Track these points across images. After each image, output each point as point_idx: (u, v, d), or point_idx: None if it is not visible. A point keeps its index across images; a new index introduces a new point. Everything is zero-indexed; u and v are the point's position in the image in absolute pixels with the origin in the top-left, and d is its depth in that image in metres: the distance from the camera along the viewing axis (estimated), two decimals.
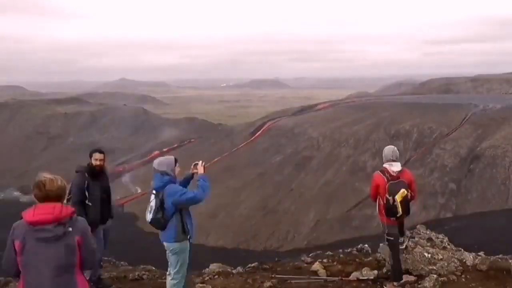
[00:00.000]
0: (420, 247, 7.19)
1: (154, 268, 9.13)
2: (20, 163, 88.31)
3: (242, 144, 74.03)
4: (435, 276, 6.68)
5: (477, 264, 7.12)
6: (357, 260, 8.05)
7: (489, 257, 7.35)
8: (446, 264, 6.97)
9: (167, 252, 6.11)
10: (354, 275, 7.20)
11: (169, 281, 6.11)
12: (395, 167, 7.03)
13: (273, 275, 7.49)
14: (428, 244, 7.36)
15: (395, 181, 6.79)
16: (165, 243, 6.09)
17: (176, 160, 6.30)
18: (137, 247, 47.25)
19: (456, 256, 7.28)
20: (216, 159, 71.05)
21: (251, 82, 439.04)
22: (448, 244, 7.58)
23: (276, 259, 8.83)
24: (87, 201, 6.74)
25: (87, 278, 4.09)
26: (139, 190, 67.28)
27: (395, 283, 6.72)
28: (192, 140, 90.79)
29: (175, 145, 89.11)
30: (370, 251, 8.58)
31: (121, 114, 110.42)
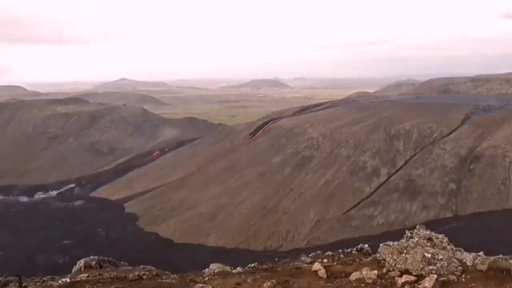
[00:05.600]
0: (420, 247, 7.19)
1: (154, 268, 9.11)
2: (20, 163, 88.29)
3: (242, 144, 74.03)
4: (435, 276, 6.68)
5: (477, 264, 7.11)
6: (357, 260, 8.04)
7: (489, 257, 7.34)
8: (446, 264, 6.96)
9: None
10: (354, 275, 7.19)
11: None
12: None
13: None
14: (428, 244, 7.34)
15: None
16: None
17: None
18: (137, 247, 47.34)
19: (456, 256, 7.27)
20: (216, 159, 71.09)
21: (251, 82, 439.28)
22: (448, 244, 7.57)
23: (276, 259, 8.82)
24: None
25: None
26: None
27: None
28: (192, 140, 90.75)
29: (175, 145, 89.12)
30: (370, 251, 8.57)
31: (121, 114, 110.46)
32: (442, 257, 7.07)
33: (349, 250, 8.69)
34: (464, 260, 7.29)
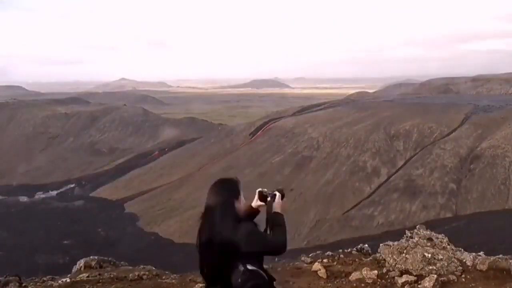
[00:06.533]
0: (420, 247, 7.19)
1: (154, 268, 9.12)
2: (20, 163, 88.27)
3: (242, 144, 74.04)
4: (435, 276, 6.68)
5: (477, 264, 7.11)
6: (357, 260, 8.04)
7: (489, 257, 7.34)
8: (446, 264, 6.97)
9: None
10: (354, 275, 7.19)
11: None
12: None
13: None
14: (428, 244, 7.35)
15: None
16: None
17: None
18: (137, 247, 47.32)
19: (456, 256, 7.28)
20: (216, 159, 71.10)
21: (251, 82, 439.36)
22: (448, 244, 7.57)
23: (276, 259, 8.82)
24: None
25: None
26: None
27: None
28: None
29: (175, 145, 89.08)
30: (370, 251, 8.57)
31: (121, 114, 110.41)
32: (442, 257, 7.08)
33: (349, 250, 8.70)
34: (464, 260, 7.29)
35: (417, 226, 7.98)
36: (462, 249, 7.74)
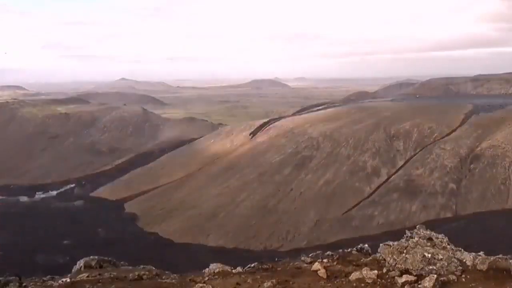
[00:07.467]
0: (420, 247, 7.19)
1: (154, 268, 9.11)
2: (20, 163, 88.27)
3: (242, 144, 73.99)
4: (435, 276, 6.68)
5: (477, 264, 7.11)
6: (357, 260, 8.03)
7: (489, 257, 7.34)
8: (446, 264, 6.96)
9: None
10: (354, 275, 7.19)
11: None
12: None
13: None
14: (428, 244, 7.34)
15: None
16: None
17: None
18: (137, 247, 47.31)
19: (456, 256, 7.27)
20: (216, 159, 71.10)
21: (251, 82, 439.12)
22: (448, 244, 7.57)
23: (276, 259, 8.82)
24: None
25: None
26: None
27: None
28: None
29: (175, 145, 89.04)
30: (370, 251, 8.57)
31: (121, 114, 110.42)
32: (442, 257, 7.07)
33: (349, 250, 8.69)
34: (464, 260, 7.29)
35: (417, 226, 7.98)
36: (462, 249, 7.74)
